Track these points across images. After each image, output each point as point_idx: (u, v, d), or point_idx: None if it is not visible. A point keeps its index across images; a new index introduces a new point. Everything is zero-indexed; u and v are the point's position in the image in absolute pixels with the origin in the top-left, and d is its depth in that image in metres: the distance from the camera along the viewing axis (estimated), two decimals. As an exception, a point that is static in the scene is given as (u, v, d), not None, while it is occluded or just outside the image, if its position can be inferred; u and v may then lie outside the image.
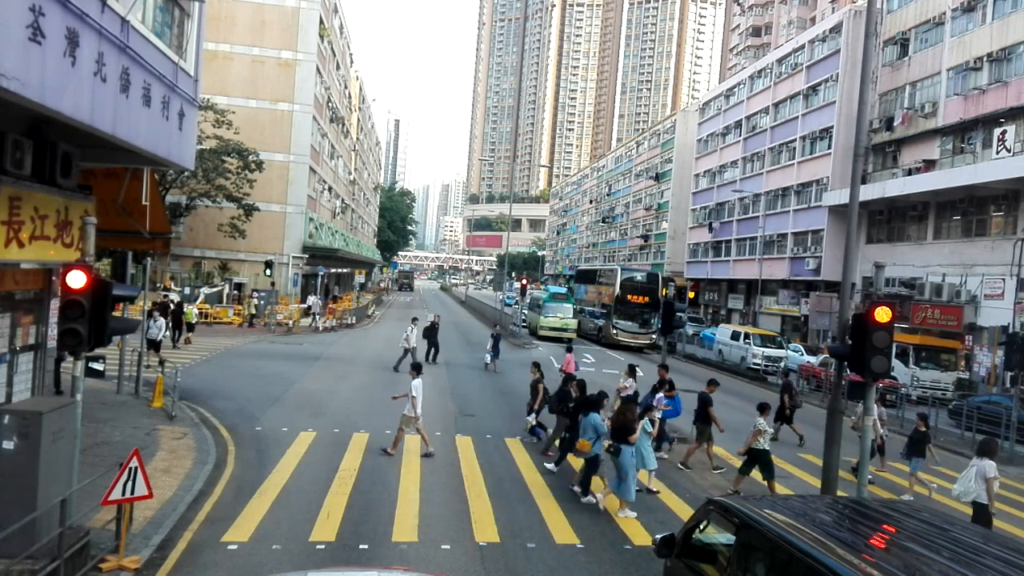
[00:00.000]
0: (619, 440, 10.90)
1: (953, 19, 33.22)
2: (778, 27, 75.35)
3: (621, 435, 10.87)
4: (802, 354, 33.15)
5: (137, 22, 8.04)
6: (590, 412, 11.35)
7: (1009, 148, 29.11)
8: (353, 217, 70.34)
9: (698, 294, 55.75)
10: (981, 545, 4.75)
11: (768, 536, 5.02)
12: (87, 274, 7.16)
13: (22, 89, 5.94)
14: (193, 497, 9.72)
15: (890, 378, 21.24)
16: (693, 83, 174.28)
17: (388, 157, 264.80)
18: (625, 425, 10.95)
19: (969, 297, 30.37)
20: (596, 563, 8.64)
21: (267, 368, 21.68)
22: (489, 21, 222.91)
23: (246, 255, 41.31)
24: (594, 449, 11.12)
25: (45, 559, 6.48)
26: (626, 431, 10.91)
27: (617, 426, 11.02)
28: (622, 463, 10.65)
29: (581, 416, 11.67)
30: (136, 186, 11.20)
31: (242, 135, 36.38)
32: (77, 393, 7.58)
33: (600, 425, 11.21)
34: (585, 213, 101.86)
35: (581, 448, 11.24)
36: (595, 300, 44.61)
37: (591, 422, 11.22)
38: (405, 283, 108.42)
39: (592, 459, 11.21)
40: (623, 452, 10.73)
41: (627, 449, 10.78)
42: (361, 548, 8.53)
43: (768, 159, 48.82)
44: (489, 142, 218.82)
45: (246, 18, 41.28)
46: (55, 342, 8.18)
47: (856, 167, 11.03)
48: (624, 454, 10.71)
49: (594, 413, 11.30)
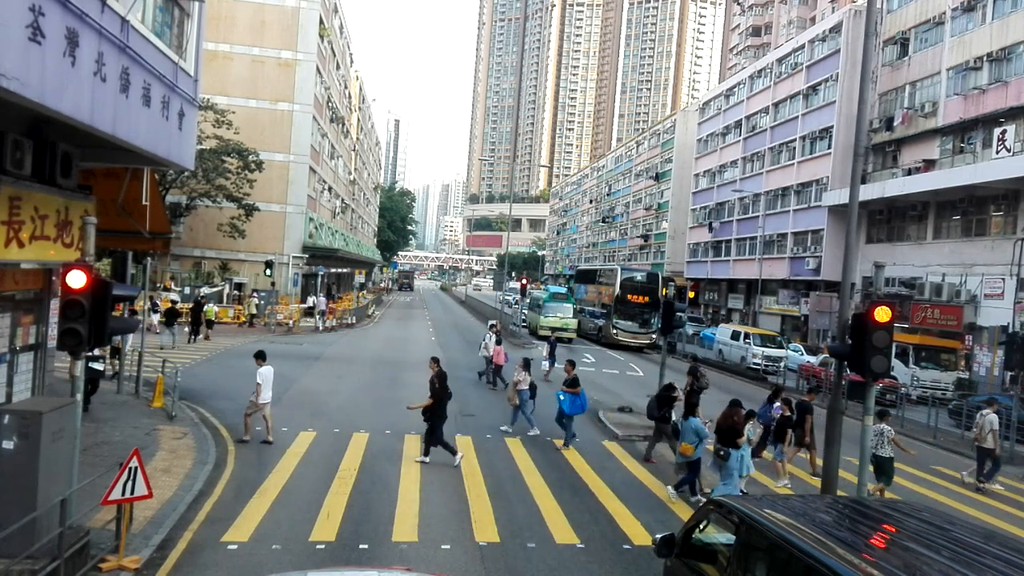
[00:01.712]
0: (727, 444, 11.11)
1: (953, 19, 33.21)
2: (778, 27, 75.34)
3: (729, 438, 11.05)
4: (802, 354, 33.13)
5: (137, 22, 8.04)
6: (690, 417, 11.69)
7: (1009, 148, 29.09)
8: (353, 217, 70.34)
9: (698, 294, 55.71)
10: (981, 545, 4.75)
11: (768, 536, 5.02)
12: (87, 274, 7.15)
13: (22, 89, 5.94)
14: (193, 497, 9.72)
15: (890, 378, 21.23)
16: (693, 83, 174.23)
17: (388, 157, 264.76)
18: (733, 428, 11.12)
19: (969, 297, 30.36)
20: (596, 563, 8.64)
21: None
22: (489, 21, 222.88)
23: (246, 255, 41.30)
24: (696, 452, 11.39)
25: (45, 559, 6.48)
26: (734, 434, 11.13)
27: (725, 429, 11.18)
28: (728, 466, 10.86)
29: (682, 421, 11.92)
30: (136, 186, 11.20)
31: (242, 135, 36.37)
32: (77, 393, 7.58)
33: (702, 429, 11.52)
34: (585, 213, 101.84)
35: (684, 452, 11.52)
36: (595, 300, 44.61)
37: (692, 426, 11.49)
38: (405, 283, 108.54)
39: (694, 462, 11.45)
40: (731, 456, 10.99)
41: (735, 453, 11.02)
42: (361, 548, 8.53)
43: (768, 159, 48.81)
44: (489, 142, 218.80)
45: (246, 18, 41.26)
46: (55, 342, 8.18)
47: (856, 167, 11.03)
48: (732, 458, 10.96)
49: (694, 417, 11.64)
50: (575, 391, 14.13)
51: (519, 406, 15.41)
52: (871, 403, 9.65)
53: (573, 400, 14.06)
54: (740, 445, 11.08)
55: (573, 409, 14.06)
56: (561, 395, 14.19)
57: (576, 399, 14.11)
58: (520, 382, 15.53)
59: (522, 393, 15.41)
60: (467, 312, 63.34)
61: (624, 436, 15.99)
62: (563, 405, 14.06)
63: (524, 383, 15.50)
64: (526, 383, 15.51)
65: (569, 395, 14.09)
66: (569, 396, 14.07)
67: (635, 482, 12.53)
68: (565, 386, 14.31)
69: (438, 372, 12.64)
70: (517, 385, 15.55)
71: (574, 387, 14.20)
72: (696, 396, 17.41)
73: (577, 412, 14.19)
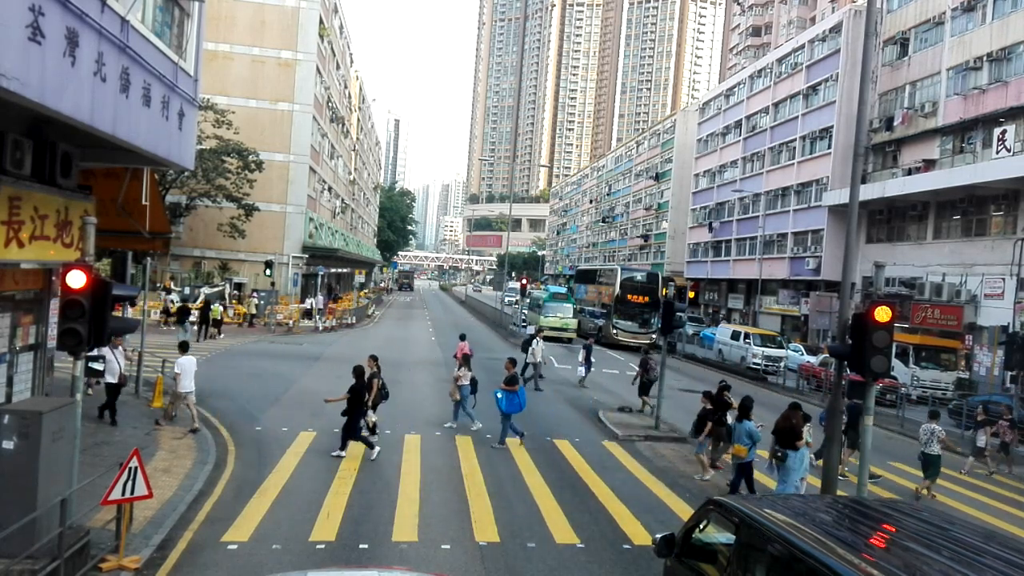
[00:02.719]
0: (786, 446, 11.18)
1: (953, 19, 33.21)
2: (778, 27, 75.35)
3: (788, 440, 11.11)
4: (802, 354, 33.14)
5: (137, 22, 8.04)
6: (744, 419, 11.77)
7: (1009, 148, 29.09)
8: (353, 217, 70.34)
9: (698, 294, 55.70)
10: (981, 545, 4.75)
11: (768, 536, 5.02)
12: (87, 274, 7.15)
13: (22, 89, 5.94)
14: (193, 497, 9.72)
15: (890, 378, 21.24)
16: (693, 83, 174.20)
17: (388, 157, 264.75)
18: (792, 430, 11.19)
19: (969, 297, 30.36)
20: (596, 563, 8.64)
21: (267, 368, 21.68)
22: (489, 21, 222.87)
23: (246, 255, 41.29)
24: (749, 455, 11.49)
25: (45, 559, 6.48)
26: (793, 436, 11.20)
27: (784, 431, 11.23)
28: (787, 467, 10.94)
29: (735, 423, 12.01)
30: (136, 186, 11.20)
31: (242, 135, 36.37)
32: (77, 393, 7.58)
33: (755, 432, 11.61)
34: (585, 213, 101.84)
35: (737, 453, 11.62)
36: (595, 300, 44.61)
37: (745, 428, 11.58)
38: (405, 283, 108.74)
39: (745, 464, 11.55)
40: (789, 457, 11.07)
41: (794, 455, 11.10)
42: (361, 548, 8.53)
43: (768, 159, 48.81)
44: (489, 142, 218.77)
45: (246, 18, 41.25)
46: (55, 342, 8.18)
47: (856, 167, 11.03)
48: (791, 459, 11.04)
49: (747, 420, 11.71)
50: (513, 389, 14.00)
51: (460, 401, 15.46)
52: (871, 403, 9.65)
53: (511, 398, 13.92)
54: (799, 447, 11.21)
55: (511, 407, 13.90)
56: (499, 393, 14.03)
57: (514, 397, 13.95)
58: (460, 377, 15.61)
59: (463, 388, 15.50)
60: (467, 312, 63.36)
61: (624, 436, 15.99)
62: (500, 403, 13.92)
63: (465, 379, 15.58)
64: (467, 379, 15.59)
65: (507, 393, 13.94)
66: (507, 394, 13.93)
67: (635, 482, 12.53)
68: (504, 384, 14.19)
69: (374, 371, 13.19)
70: (458, 381, 15.62)
71: (512, 385, 14.08)
72: (647, 389, 18.86)
73: (515, 410, 14.01)
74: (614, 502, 11.04)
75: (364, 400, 12.69)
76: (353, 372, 12.84)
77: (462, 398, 15.43)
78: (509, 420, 14.08)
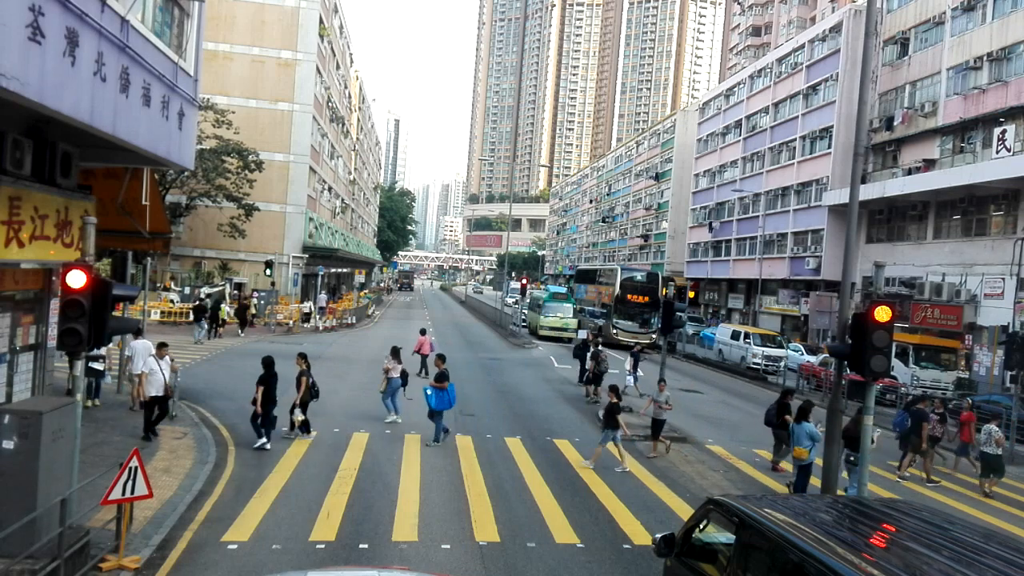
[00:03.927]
0: (856, 449, 11.32)
1: (953, 18, 33.19)
2: (778, 27, 75.33)
3: (858, 444, 11.24)
4: (802, 353, 33.12)
5: (137, 22, 8.04)
6: (803, 421, 11.93)
7: (1009, 147, 29.07)
8: (353, 217, 70.33)
9: (698, 294, 55.67)
10: (981, 544, 4.74)
11: (768, 535, 5.02)
12: (87, 274, 7.15)
13: (22, 89, 5.94)
14: (193, 497, 9.72)
15: (890, 378, 21.24)
16: (693, 83, 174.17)
17: (388, 157, 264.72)
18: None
19: (969, 296, 30.35)
20: (596, 563, 8.64)
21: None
22: (489, 21, 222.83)
23: (246, 255, 41.29)
24: (811, 456, 11.66)
25: (45, 559, 6.48)
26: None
27: (856, 436, 11.36)
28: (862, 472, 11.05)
29: (794, 425, 12.16)
30: (136, 186, 11.20)
31: (242, 135, 36.36)
32: (77, 393, 7.58)
33: (816, 433, 11.77)
34: (585, 213, 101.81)
35: (798, 456, 11.79)
36: (595, 300, 44.60)
37: (806, 430, 11.73)
38: (405, 283, 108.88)
39: (806, 466, 11.71)
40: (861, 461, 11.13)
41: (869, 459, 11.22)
42: (361, 548, 8.52)
43: (768, 159, 48.79)
44: (489, 142, 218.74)
45: (246, 18, 41.24)
46: (55, 342, 8.18)
47: (856, 167, 11.03)
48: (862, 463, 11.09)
49: (807, 422, 11.86)
50: (442, 386, 13.95)
51: (387, 392, 15.69)
52: (871, 402, 9.66)
53: (440, 395, 13.86)
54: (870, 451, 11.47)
55: (440, 404, 13.83)
56: (428, 390, 13.99)
57: (443, 394, 13.88)
58: (391, 370, 15.78)
59: (392, 381, 15.67)
60: (467, 311, 63.36)
61: (624, 436, 15.97)
62: (430, 400, 13.87)
63: (395, 371, 15.77)
64: (396, 371, 15.78)
65: (436, 390, 13.89)
66: (436, 391, 13.88)
67: (635, 482, 12.53)
68: (434, 381, 14.15)
69: (302, 368, 13.58)
70: (387, 373, 15.78)
71: (441, 382, 14.04)
72: (599, 379, 20.09)
73: (444, 407, 13.94)
74: (614, 502, 11.04)
75: (272, 387, 12.92)
76: (262, 362, 13.12)
77: (390, 390, 15.66)
78: (441, 417, 13.96)
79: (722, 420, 19.67)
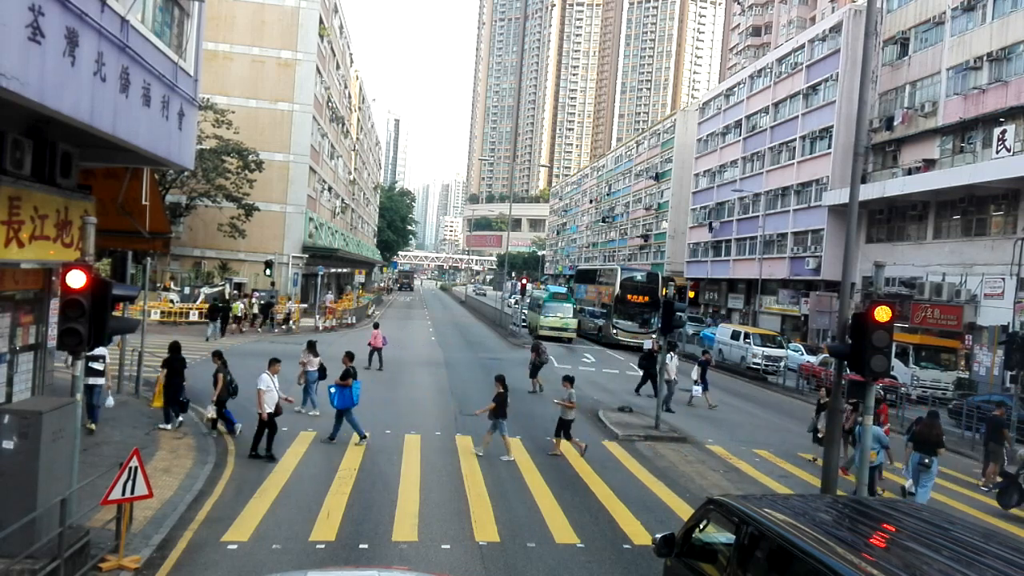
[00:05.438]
0: (929, 453, 11.75)
1: (953, 18, 33.20)
2: (778, 27, 75.33)
3: (931, 448, 11.64)
4: (802, 353, 33.12)
5: (137, 22, 8.04)
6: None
7: (1009, 147, 29.08)
8: (353, 217, 70.33)
9: (698, 294, 55.69)
10: (981, 545, 4.74)
11: (768, 535, 5.02)
12: (87, 274, 7.15)
13: (22, 89, 5.94)
14: (193, 497, 9.72)
15: (890, 377, 21.25)
16: (693, 83, 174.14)
17: (388, 157, 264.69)
18: (937, 439, 11.92)
19: (969, 296, 30.35)
20: (596, 563, 8.64)
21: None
22: (489, 21, 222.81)
23: (246, 255, 41.30)
24: (878, 458, 11.99)
25: (45, 559, 6.48)
26: (937, 444, 11.84)
27: (931, 441, 11.78)
28: (931, 473, 11.70)
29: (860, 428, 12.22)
30: (136, 186, 11.20)
31: (242, 135, 36.36)
32: (77, 393, 7.58)
33: (882, 436, 12.10)
34: (585, 213, 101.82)
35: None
36: (595, 300, 44.60)
37: (873, 432, 11.84)
38: (405, 283, 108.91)
39: (875, 467, 11.98)
40: (935, 463, 11.63)
41: (936, 461, 11.73)
42: (361, 548, 8.52)
43: (768, 159, 48.80)
44: (489, 142, 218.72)
45: (246, 18, 41.25)
46: (55, 342, 8.18)
47: (856, 167, 11.03)
48: (935, 465, 11.63)
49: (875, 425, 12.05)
50: (346, 383, 13.85)
51: (305, 387, 16.01)
52: (871, 403, 9.65)
53: (343, 393, 13.74)
54: (940, 454, 11.96)
55: (342, 402, 13.69)
56: (332, 388, 13.91)
57: (346, 392, 13.75)
58: (307, 363, 16.06)
59: (310, 374, 16.01)
60: (467, 311, 63.36)
61: (624, 436, 15.99)
62: (332, 399, 13.79)
63: (312, 365, 16.08)
64: (314, 365, 16.08)
65: (340, 388, 13.79)
66: (340, 389, 13.78)
67: (635, 482, 12.53)
68: (339, 379, 14.06)
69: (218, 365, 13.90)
70: (304, 367, 16.07)
71: (345, 380, 13.94)
72: (537, 370, 21.51)
73: (347, 405, 13.78)
74: (614, 502, 11.04)
75: (180, 372, 13.49)
76: (169, 348, 13.80)
77: (308, 384, 15.97)
78: (350, 415, 13.77)
79: (722, 420, 19.67)
